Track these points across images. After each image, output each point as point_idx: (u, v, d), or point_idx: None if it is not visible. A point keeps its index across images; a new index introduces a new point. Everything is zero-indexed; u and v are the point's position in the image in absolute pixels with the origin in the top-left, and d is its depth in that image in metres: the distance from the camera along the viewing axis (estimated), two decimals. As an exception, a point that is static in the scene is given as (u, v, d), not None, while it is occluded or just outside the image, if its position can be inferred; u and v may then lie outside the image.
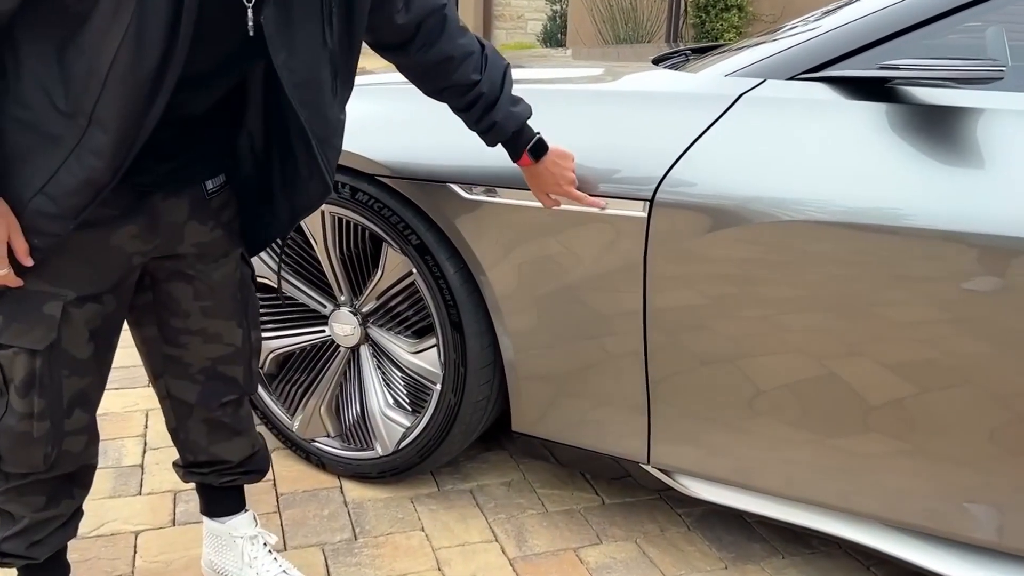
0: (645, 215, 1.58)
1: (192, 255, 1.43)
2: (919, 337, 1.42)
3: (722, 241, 1.53)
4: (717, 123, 1.57)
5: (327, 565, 1.80)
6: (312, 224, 1.94)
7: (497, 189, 1.73)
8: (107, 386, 1.43)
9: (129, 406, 2.38)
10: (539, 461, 2.17)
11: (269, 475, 2.11)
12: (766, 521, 1.71)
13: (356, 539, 1.89)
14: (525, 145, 1.57)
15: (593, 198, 1.61)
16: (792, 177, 1.50)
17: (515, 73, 1.63)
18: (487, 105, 1.53)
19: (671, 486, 1.78)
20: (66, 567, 1.54)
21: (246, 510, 1.71)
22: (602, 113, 1.71)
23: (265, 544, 1.69)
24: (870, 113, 1.49)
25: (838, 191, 1.46)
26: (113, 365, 1.43)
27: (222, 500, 1.69)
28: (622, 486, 2.11)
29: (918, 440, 1.48)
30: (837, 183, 1.47)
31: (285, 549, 1.85)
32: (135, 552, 1.81)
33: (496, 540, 1.91)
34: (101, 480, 2.05)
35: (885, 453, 1.51)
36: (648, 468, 1.77)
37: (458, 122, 1.59)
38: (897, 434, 1.49)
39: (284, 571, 1.67)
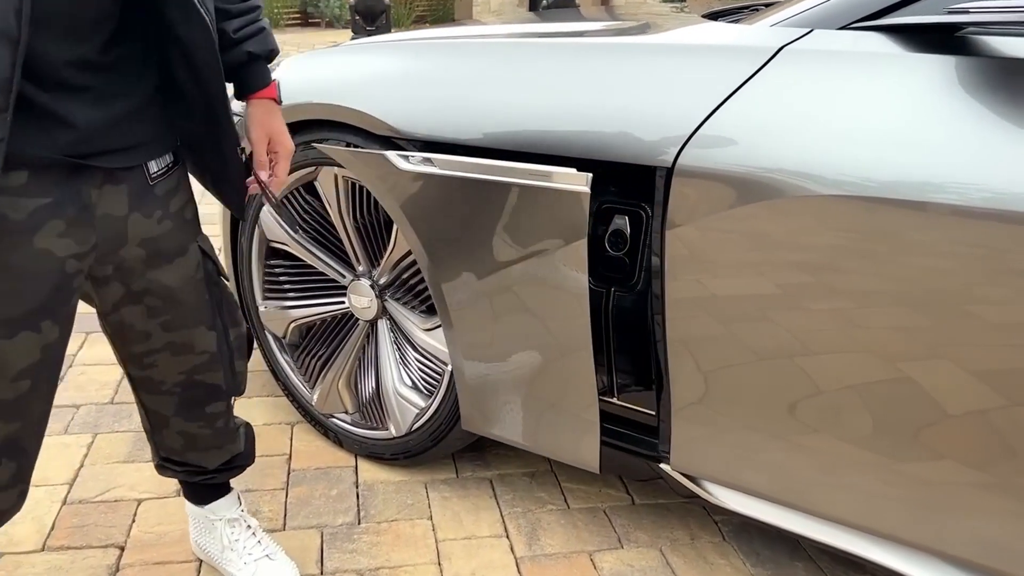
0: (665, 188, 1.38)
1: (140, 260, 1.25)
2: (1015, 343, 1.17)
3: (749, 217, 1.31)
4: (751, 80, 1.35)
5: (321, 550, 1.70)
6: (326, 188, 1.83)
7: (434, 158, 1.56)
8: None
9: (165, 370, 2.36)
10: (569, 452, 2.01)
11: (284, 449, 2.04)
12: (812, 543, 1.49)
13: (358, 524, 1.79)
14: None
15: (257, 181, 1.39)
16: (836, 145, 1.26)
17: (540, 27, 1.46)
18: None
19: (696, 493, 1.59)
20: None
21: (230, 490, 1.62)
22: (620, 68, 1.51)
23: (248, 526, 1.61)
24: (936, 68, 1.24)
25: (888, 163, 1.22)
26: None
27: (200, 491, 1.60)
28: (656, 486, 1.92)
29: (1008, 473, 1.23)
30: (887, 153, 1.22)
31: (284, 528, 1.76)
32: (133, 521, 1.77)
33: (506, 536, 1.76)
34: (118, 444, 2.03)
35: (966, 484, 1.26)
36: (669, 471, 1.58)
37: (479, 81, 1.43)
38: (983, 463, 1.24)
39: (267, 555, 1.58)
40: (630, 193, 1.53)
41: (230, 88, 1.32)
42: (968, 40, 1.24)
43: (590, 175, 1.42)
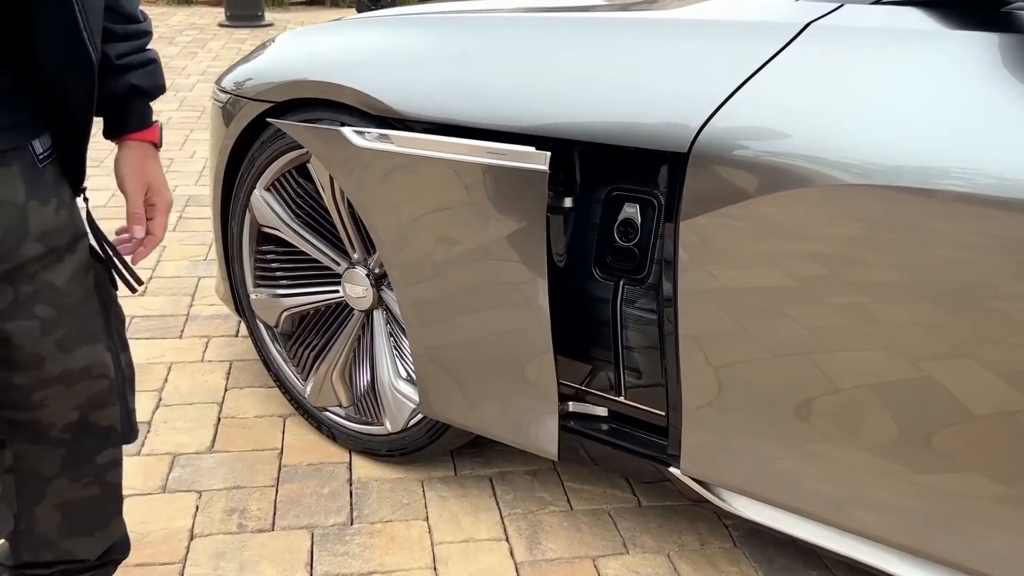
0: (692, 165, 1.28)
1: (36, 260, 1.03)
2: None
3: (770, 207, 1.22)
4: (775, 60, 1.25)
5: (312, 552, 1.62)
6: (319, 170, 1.74)
7: (392, 135, 1.47)
8: (136, 335, 1.16)
9: (154, 358, 2.27)
10: (573, 450, 1.92)
11: (275, 444, 1.96)
12: (829, 554, 1.40)
13: (351, 524, 1.70)
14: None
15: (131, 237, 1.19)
16: (867, 131, 1.16)
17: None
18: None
19: (707, 499, 1.50)
20: None
21: None
22: (633, 46, 1.41)
23: None
24: (978, 47, 1.14)
25: (924, 150, 1.12)
26: (146, 313, 1.18)
27: None
28: (663, 488, 1.83)
29: None
30: (922, 139, 1.12)
31: (273, 528, 1.68)
32: (115, 519, 1.69)
33: (506, 539, 1.68)
34: (103, 436, 1.94)
35: (995, 498, 1.17)
36: (679, 475, 1.49)
37: (479, 59, 1.34)
38: (1014, 474, 1.15)
39: None
40: (641, 180, 1.44)
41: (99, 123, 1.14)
42: (1014, 16, 1.14)
43: (548, 154, 1.34)
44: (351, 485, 1.82)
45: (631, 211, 1.45)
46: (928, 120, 1.14)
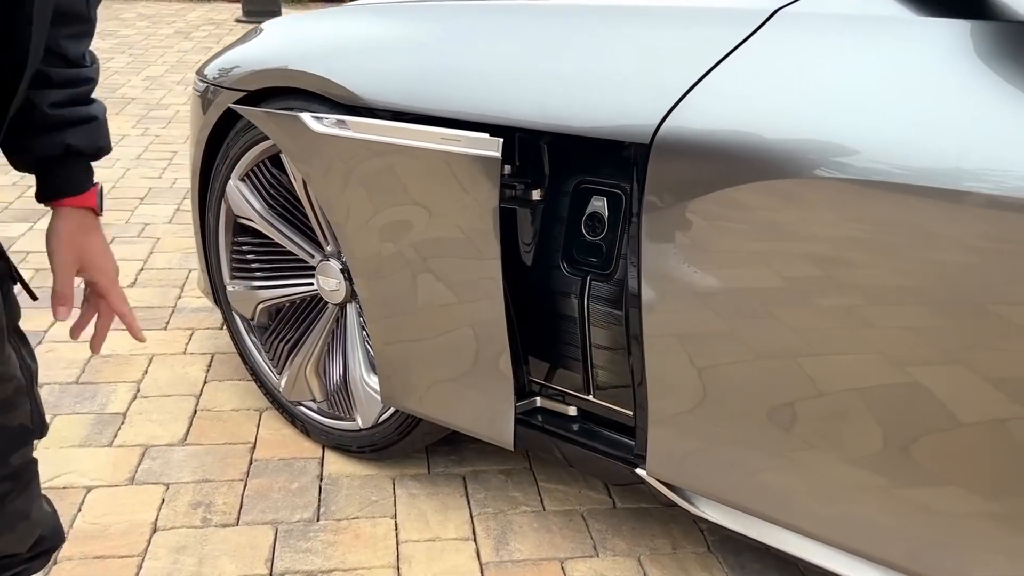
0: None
1: None
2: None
3: (735, 200, 1.17)
4: (741, 47, 1.21)
5: (273, 548, 1.59)
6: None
7: (348, 120, 1.45)
8: (117, 326, 1.10)
9: (136, 349, 2.26)
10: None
11: (249, 437, 1.93)
12: (803, 565, 1.35)
13: (317, 520, 1.67)
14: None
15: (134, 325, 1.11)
16: (837, 122, 1.11)
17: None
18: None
19: (676, 503, 1.45)
20: None
21: None
22: (595, 33, 1.37)
23: None
24: (956, 34, 1.09)
25: (898, 142, 1.07)
26: (134, 304, 1.06)
27: None
28: (639, 490, 1.79)
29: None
30: (896, 131, 1.08)
31: (237, 523, 1.65)
32: (79, 510, 1.66)
33: (473, 539, 1.64)
34: (77, 426, 1.93)
35: (985, 516, 1.11)
36: (645, 477, 1.45)
37: (444, 46, 1.31)
38: (1007, 492, 1.09)
39: None
40: (608, 172, 1.40)
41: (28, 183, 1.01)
42: (988, 3, 1.09)
43: (501, 140, 1.31)
44: (321, 481, 1.80)
45: (598, 204, 1.42)
46: (901, 110, 1.09)
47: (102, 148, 1.04)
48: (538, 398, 1.60)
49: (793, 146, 1.12)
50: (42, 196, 1.04)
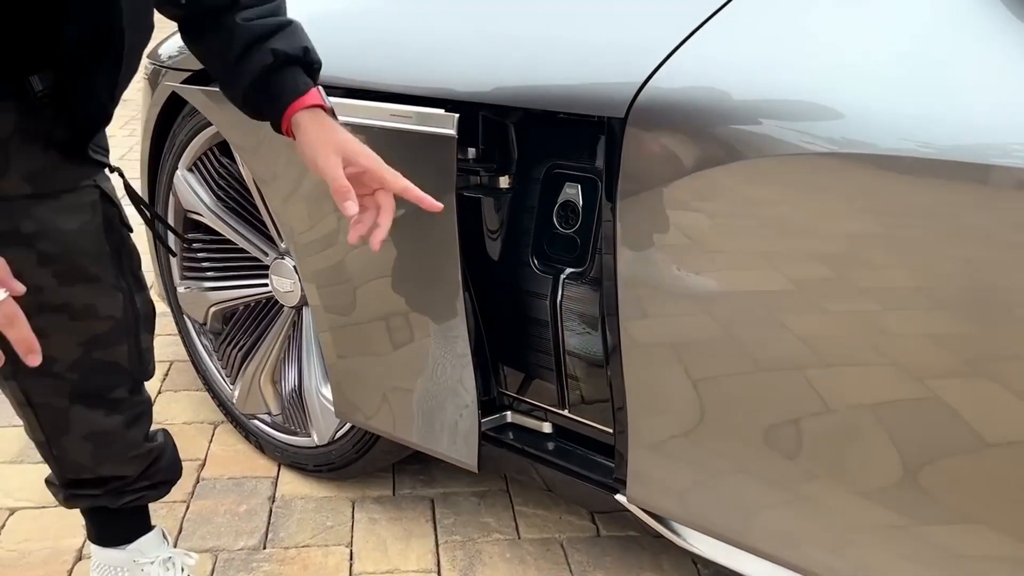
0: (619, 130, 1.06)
1: (23, 197, 1.02)
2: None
3: (722, 181, 0.99)
4: (729, 4, 1.03)
5: (210, 580, 1.42)
6: (239, 148, 1.55)
7: None
8: None
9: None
10: (529, 469, 1.70)
11: (199, 453, 1.76)
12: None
13: (263, 548, 1.50)
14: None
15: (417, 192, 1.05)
16: (842, 86, 0.94)
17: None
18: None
19: (660, 533, 1.27)
20: None
21: (153, 527, 1.31)
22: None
23: (184, 570, 1.30)
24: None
25: (903, 109, 0.89)
26: None
27: (123, 523, 1.27)
28: (626, 517, 1.60)
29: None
30: (909, 95, 0.90)
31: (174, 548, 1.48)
32: (-2, 534, 1.50)
33: (437, 571, 1.46)
34: (12, 441, 1.77)
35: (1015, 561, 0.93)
36: (626, 504, 1.27)
37: (397, 16, 1.14)
38: None
39: None
40: (582, 155, 1.22)
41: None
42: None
43: (457, 116, 1.14)
44: (272, 503, 1.62)
45: (572, 192, 1.24)
46: (913, 73, 0.91)
47: (308, 50, 1.06)
48: (509, 413, 1.42)
49: (796, 118, 0.94)
50: (275, 118, 1.06)
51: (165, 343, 2.21)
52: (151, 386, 1.99)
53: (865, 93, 0.92)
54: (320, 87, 1.07)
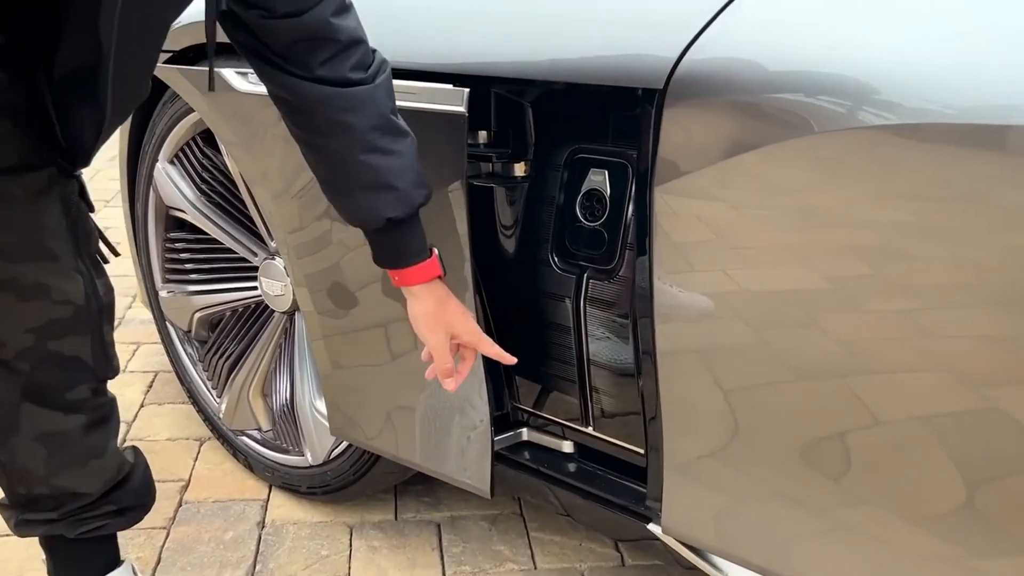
0: (652, 113, 0.91)
1: None
2: None
3: (776, 161, 0.84)
4: (789, -48, 0.88)
5: (189, 619, 1.27)
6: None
7: None
8: None
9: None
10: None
11: (183, 473, 1.61)
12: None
13: (250, 581, 1.35)
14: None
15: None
16: (915, 50, 0.79)
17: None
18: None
19: (696, 565, 1.12)
20: None
21: (122, 561, 1.17)
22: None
23: None
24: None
25: (983, 78, 0.74)
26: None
27: (86, 556, 1.13)
28: (654, 543, 1.45)
29: None
30: (979, 63, 0.75)
31: (149, 584, 1.33)
32: (-45, 567, 1.35)
33: (444, 607, 1.31)
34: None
35: None
36: (660, 535, 1.11)
37: None
38: None
39: None
40: (611, 136, 1.07)
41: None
42: None
43: (467, 91, 1.00)
44: (261, 529, 1.47)
45: (598, 179, 1.09)
46: (989, 37, 0.76)
47: (422, 197, 1.00)
48: (525, 430, 1.27)
49: (860, 87, 0.79)
50: (388, 268, 1.04)
51: (150, 352, 2.06)
52: (133, 399, 1.85)
53: (933, 55, 0.77)
54: (436, 250, 1.03)
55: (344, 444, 1.40)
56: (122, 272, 2.51)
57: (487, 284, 1.18)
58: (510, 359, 1.07)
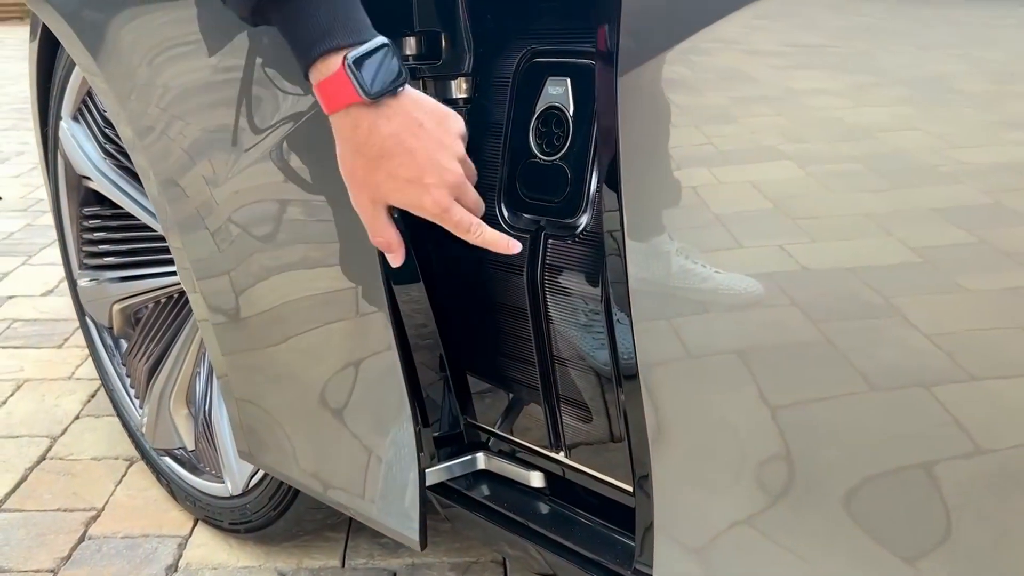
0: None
1: None
2: None
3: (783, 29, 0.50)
4: None
5: None
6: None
7: None
8: (6, 343, 0.87)
9: (8, 372, 1.69)
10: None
11: (97, 501, 1.33)
12: None
13: (137, 647, 1.04)
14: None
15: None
16: None
17: None
18: None
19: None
20: None
21: None
22: None
23: None
24: None
25: None
26: (37, 316, 1.03)
27: None
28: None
29: None
30: None
31: (11, 648, 1.04)
32: None
33: None
34: None
35: None
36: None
37: None
38: None
39: None
40: (573, 30, 0.74)
41: None
42: None
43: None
44: (173, 574, 1.16)
45: (558, 91, 0.75)
46: None
47: None
48: (482, 455, 0.93)
49: None
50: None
51: (106, 357, 1.79)
52: (69, 411, 1.58)
53: None
54: (374, 59, 0.69)
55: (261, 472, 1.09)
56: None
57: (420, 253, 0.85)
58: (512, 246, 0.74)
